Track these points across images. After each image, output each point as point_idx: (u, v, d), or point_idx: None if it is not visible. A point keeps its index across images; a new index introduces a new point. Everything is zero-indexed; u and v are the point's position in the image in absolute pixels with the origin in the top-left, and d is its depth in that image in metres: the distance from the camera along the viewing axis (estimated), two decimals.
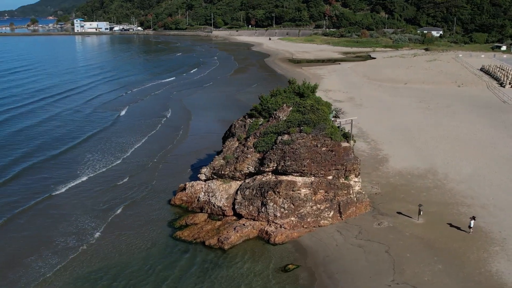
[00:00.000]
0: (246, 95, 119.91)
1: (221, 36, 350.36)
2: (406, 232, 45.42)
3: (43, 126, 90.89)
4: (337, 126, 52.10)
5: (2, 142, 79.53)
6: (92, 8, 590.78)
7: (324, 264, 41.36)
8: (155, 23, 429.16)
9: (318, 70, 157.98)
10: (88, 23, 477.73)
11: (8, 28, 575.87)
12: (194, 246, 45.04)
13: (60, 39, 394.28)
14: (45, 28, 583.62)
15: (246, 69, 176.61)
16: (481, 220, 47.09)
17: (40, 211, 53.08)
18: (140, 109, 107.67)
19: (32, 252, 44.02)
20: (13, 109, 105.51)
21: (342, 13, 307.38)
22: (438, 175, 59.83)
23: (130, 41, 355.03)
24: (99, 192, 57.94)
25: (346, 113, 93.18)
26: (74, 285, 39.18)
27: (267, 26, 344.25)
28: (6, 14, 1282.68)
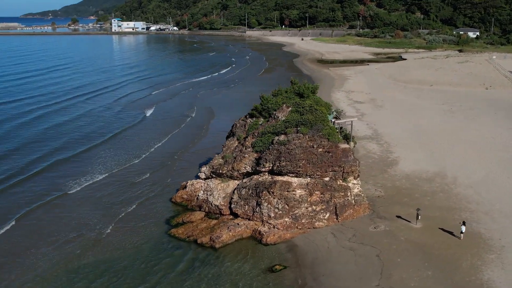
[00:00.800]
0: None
1: (255, 36, 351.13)
2: (401, 236, 44.47)
3: (72, 123, 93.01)
4: (336, 127, 51.26)
5: (34, 137, 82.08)
6: (130, 8, 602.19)
7: (312, 266, 40.94)
8: (190, 23, 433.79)
9: (345, 71, 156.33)
10: (125, 23, 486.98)
11: (50, 28, 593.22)
12: (187, 244, 45.34)
13: (98, 39, 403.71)
14: (85, 27, 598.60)
15: (274, 69, 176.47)
16: (482, 226, 45.73)
17: (57, 204, 54.90)
18: (167, 108, 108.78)
19: (26, 248, 45.23)
20: (48, 106, 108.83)
21: (376, 13, 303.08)
22: (446, 179, 58.31)
23: (165, 41, 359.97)
24: (114, 189, 58.57)
25: (365, 114, 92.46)
26: (66, 277, 40.03)
27: (300, 26, 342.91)
28: (50, 14, 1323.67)
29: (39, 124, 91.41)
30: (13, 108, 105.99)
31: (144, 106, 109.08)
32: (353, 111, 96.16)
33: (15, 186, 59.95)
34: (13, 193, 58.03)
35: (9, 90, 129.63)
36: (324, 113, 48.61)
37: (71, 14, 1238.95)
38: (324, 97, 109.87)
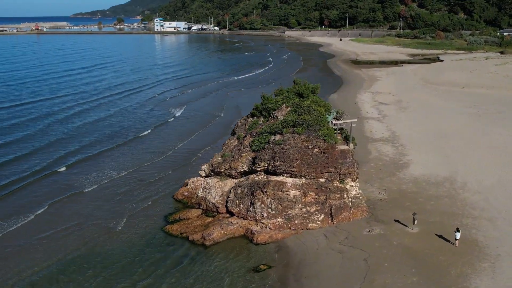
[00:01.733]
0: None
1: (294, 36, 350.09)
2: (394, 241, 43.46)
3: (104, 121, 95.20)
4: (335, 128, 50.46)
5: (67, 133, 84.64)
6: (174, 8, 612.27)
7: (297, 267, 40.58)
8: (231, 23, 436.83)
9: (376, 72, 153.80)
10: (167, 23, 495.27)
11: (96, 27, 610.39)
12: (179, 241, 45.78)
13: (140, 38, 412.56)
14: (130, 27, 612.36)
15: (307, 69, 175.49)
16: (482, 233, 44.15)
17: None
18: (197, 107, 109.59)
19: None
20: (85, 103, 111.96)
21: (418, 13, 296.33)
22: (456, 184, 56.56)
23: (205, 40, 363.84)
24: (128, 186, 59.21)
25: (387, 116, 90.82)
26: (56, 267, 41.16)
27: (340, 26, 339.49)
28: (99, 13, 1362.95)
29: (74, 121, 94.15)
30: (53, 105, 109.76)
31: (176, 105, 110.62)
32: (376, 113, 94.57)
33: (38, 181, 62.06)
34: (36, 187, 60.24)
35: (52, 87, 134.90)
36: (322, 113, 47.97)
37: (119, 13, 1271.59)
38: (349, 98, 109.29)
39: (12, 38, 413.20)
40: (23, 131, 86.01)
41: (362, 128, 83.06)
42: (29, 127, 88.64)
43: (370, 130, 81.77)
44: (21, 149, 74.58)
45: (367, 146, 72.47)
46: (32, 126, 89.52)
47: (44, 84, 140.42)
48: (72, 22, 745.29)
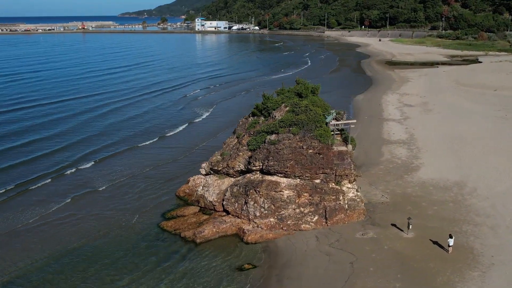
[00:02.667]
0: (327, 96, 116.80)
1: (333, 36, 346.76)
2: (386, 245, 42.44)
3: (135, 119, 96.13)
4: (332, 129, 49.56)
5: (95, 131, 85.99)
6: (216, 8, 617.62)
7: (282, 267, 40.25)
8: (271, 22, 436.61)
9: (409, 73, 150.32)
10: (208, 22, 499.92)
11: (141, 26, 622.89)
12: (172, 237, 46.24)
13: (182, 37, 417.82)
14: (173, 26, 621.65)
15: (340, 70, 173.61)
16: (480, 241, 42.56)
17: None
18: (227, 107, 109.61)
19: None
20: (120, 101, 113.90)
21: (460, 14, 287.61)
22: (464, 189, 54.68)
23: (245, 40, 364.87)
24: (139, 185, 59.70)
25: (409, 118, 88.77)
26: (51, 258, 42.36)
27: (380, 27, 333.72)
28: (145, 13, 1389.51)
29: (107, 118, 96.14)
30: (90, 102, 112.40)
31: (207, 104, 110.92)
32: (398, 114, 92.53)
33: (62, 176, 63.86)
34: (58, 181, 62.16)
35: (91, 85, 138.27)
36: (319, 114, 47.24)
37: (165, 13, 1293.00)
38: (375, 99, 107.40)
39: (59, 37, 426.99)
40: (58, 127, 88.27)
41: (380, 130, 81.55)
42: (64, 123, 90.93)
43: (388, 132, 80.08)
44: (54, 144, 76.63)
45: (381, 148, 71.05)
46: (68, 122, 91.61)
47: (85, 82, 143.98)
48: (119, 22, 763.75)
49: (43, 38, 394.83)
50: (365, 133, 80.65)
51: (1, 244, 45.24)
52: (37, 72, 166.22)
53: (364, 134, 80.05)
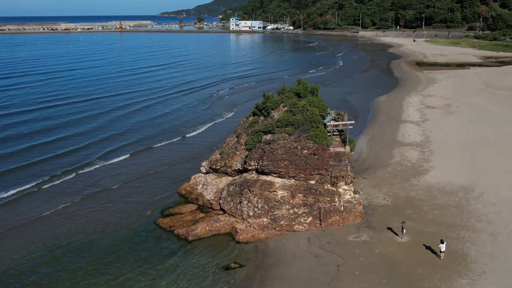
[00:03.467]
0: (354, 96, 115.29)
1: (367, 36, 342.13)
2: (377, 249, 41.61)
3: (159, 118, 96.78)
4: (329, 130, 48.81)
5: (120, 129, 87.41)
6: (252, 7, 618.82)
7: (268, 267, 40.02)
8: (305, 22, 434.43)
9: (438, 74, 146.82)
10: (243, 22, 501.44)
11: (177, 26, 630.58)
12: (166, 234, 46.63)
13: (217, 36, 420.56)
14: (209, 26, 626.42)
15: (369, 70, 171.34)
16: (475, 248, 41.21)
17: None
18: (251, 107, 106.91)
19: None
20: (151, 99, 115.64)
21: (499, 14, 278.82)
22: (471, 193, 53.07)
23: (279, 40, 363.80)
24: (148, 183, 60.16)
25: (428, 120, 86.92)
26: (48, 248, 43.37)
27: (415, 27, 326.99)
28: (184, 12, 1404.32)
29: (135, 116, 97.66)
30: (121, 100, 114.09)
31: (232, 104, 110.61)
32: (417, 116, 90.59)
33: (81, 172, 65.25)
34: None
35: (124, 83, 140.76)
36: (315, 114, 46.63)
37: (203, 13, 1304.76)
38: (397, 100, 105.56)
39: (97, 36, 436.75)
40: (85, 125, 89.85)
41: (396, 132, 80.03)
42: (92, 121, 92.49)
43: (403, 134, 78.49)
44: (78, 142, 78.20)
45: (393, 150, 69.72)
46: (95, 120, 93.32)
47: (118, 81, 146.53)
48: (156, 21, 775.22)
49: (82, 37, 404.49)
50: (379, 135, 79.40)
51: (14, 234, 46.68)
52: (73, 71, 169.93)
53: (378, 136, 78.82)
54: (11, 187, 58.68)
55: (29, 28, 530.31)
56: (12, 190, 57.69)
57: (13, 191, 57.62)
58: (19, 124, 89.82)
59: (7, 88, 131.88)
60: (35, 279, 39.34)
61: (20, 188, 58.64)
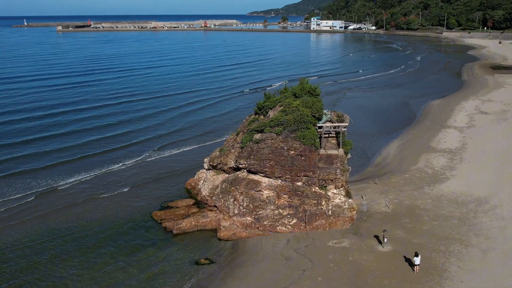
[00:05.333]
0: (416, 101, 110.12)
1: (450, 38, 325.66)
2: (351, 256, 40.11)
3: (222, 116, 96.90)
4: (320, 131, 47.27)
5: (177, 127, 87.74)
6: (337, 7, 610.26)
7: (235, 266, 39.98)
8: (388, 22, 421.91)
9: (510, 79, 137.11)
10: (324, 22, 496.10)
11: (262, 25, 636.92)
12: (155, 226, 47.78)
13: (298, 36, 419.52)
14: (292, 25, 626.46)
15: (439, 73, 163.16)
16: (458, 264, 38.65)
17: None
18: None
19: None
20: (216, 98, 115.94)
21: None
22: (483, 206, 49.58)
23: (359, 40, 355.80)
24: (164, 179, 61.03)
25: (474, 126, 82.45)
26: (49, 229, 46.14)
27: (504, 28, 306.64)
28: (272, 12, 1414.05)
29: (195, 114, 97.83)
30: (187, 98, 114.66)
31: None
32: (464, 122, 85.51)
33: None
34: None
35: (196, 82, 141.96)
36: (306, 115, 45.45)
37: (291, 12, 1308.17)
38: (450, 104, 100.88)
39: (182, 34, 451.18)
40: (147, 121, 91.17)
41: (433, 137, 76.15)
42: (154, 118, 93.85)
43: (439, 139, 74.49)
44: (132, 138, 79.56)
45: (420, 156, 66.50)
46: (158, 117, 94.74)
47: (195, 79, 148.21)
48: (243, 20, 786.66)
49: (166, 35, 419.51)
50: (414, 140, 75.97)
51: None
52: (151, 68, 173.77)
53: (413, 141, 75.45)
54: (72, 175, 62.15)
55: (121, 26, 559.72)
56: (70, 178, 60.92)
57: (72, 179, 60.72)
58: (82, 120, 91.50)
59: (86, 83, 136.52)
60: (39, 259, 41.87)
61: (80, 176, 61.88)
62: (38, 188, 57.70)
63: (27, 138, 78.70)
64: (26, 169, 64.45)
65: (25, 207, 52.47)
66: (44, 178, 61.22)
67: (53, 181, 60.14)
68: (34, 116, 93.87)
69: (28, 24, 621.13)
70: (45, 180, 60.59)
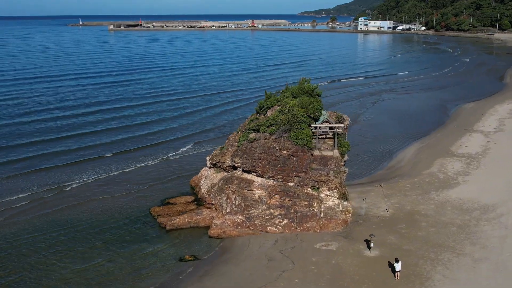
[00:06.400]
0: (453, 104, 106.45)
1: (502, 39, 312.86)
2: (334, 260, 39.42)
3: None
4: (322, 132, 46.67)
5: (205, 127, 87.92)
6: (387, 7, 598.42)
7: (217, 264, 40.17)
8: (438, 23, 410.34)
9: None
10: (372, 22, 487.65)
11: (310, 25, 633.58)
12: (151, 221, 48.51)
13: (346, 36, 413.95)
14: (341, 25, 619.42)
15: (483, 76, 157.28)
16: (445, 273, 37.30)
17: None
18: (343, 108, 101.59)
19: None
20: (250, 98, 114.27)
21: None
22: (489, 214, 47.60)
23: (407, 41, 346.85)
24: (173, 176, 61.71)
25: (503, 131, 78.66)
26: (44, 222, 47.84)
27: None
28: (324, 12, 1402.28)
29: (226, 115, 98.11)
30: (222, 99, 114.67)
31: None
32: (493, 126, 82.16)
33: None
34: None
35: (234, 81, 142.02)
36: (300, 115, 44.92)
37: (343, 12, 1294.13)
38: (483, 108, 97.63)
39: (230, 33, 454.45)
40: (179, 121, 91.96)
41: (455, 141, 73.68)
42: (191, 117, 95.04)
43: (461, 144, 71.95)
44: (169, 135, 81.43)
45: (435, 160, 64.51)
46: (194, 116, 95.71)
47: (231, 79, 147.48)
48: (291, 20, 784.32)
49: (213, 35, 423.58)
50: (435, 143, 73.75)
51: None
52: (193, 68, 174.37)
53: (433, 144, 73.29)
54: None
55: (171, 25, 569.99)
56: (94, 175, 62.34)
57: (93, 176, 62.15)
58: (115, 119, 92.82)
59: (126, 82, 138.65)
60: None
61: (101, 173, 63.13)
62: (60, 183, 59.23)
63: (60, 135, 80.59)
64: (55, 165, 66.06)
65: (43, 202, 54.13)
66: (69, 173, 62.75)
67: (79, 176, 61.57)
68: (70, 115, 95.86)
69: (83, 23, 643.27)
70: (70, 175, 62.09)
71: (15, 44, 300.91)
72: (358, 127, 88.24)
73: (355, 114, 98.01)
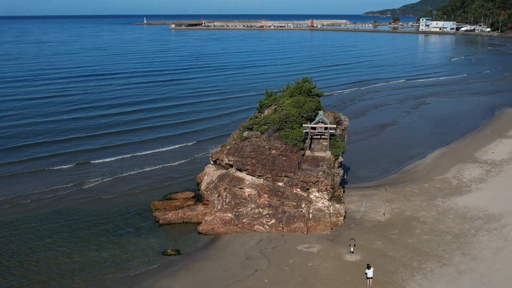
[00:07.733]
0: (499, 110, 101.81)
1: None
2: (311, 262, 38.85)
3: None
4: (318, 132, 45.83)
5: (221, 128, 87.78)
6: (452, 7, 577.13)
7: (197, 259, 40.62)
8: (505, 24, 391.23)
9: None
10: (434, 23, 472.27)
11: (371, 25, 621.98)
12: (147, 214, 49.51)
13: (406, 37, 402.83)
14: (403, 26, 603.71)
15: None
16: (423, 282, 36.02)
17: None
18: (373, 116, 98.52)
19: None
20: None
21: None
22: (492, 224, 45.36)
23: (469, 42, 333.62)
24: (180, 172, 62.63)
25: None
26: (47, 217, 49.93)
27: None
28: (389, 12, 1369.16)
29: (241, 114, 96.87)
30: (239, 100, 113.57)
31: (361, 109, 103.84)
32: None
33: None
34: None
35: (281, 83, 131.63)
36: (292, 114, 44.34)
37: (408, 12, 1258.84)
38: None
39: (288, 33, 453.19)
40: (225, 119, 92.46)
41: (482, 147, 70.54)
42: (231, 117, 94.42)
43: (488, 149, 68.83)
44: (205, 135, 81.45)
45: (454, 166, 62.07)
46: (234, 116, 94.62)
47: (280, 79, 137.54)
48: (360, 20, 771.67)
49: (271, 34, 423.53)
50: (460, 148, 70.91)
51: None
52: (245, 68, 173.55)
53: (458, 149, 70.54)
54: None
55: (231, 25, 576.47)
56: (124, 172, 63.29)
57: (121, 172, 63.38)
58: (154, 118, 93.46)
59: (176, 81, 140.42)
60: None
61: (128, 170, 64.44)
62: (90, 178, 60.67)
63: (99, 132, 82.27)
64: (105, 160, 67.67)
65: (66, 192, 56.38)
66: (109, 167, 64.73)
67: (106, 172, 62.88)
68: (111, 113, 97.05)
69: (147, 22, 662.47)
70: (109, 169, 64.00)
71: (80, 42, 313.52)
72: (389, 130, 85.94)
73: (393, 117, 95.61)
